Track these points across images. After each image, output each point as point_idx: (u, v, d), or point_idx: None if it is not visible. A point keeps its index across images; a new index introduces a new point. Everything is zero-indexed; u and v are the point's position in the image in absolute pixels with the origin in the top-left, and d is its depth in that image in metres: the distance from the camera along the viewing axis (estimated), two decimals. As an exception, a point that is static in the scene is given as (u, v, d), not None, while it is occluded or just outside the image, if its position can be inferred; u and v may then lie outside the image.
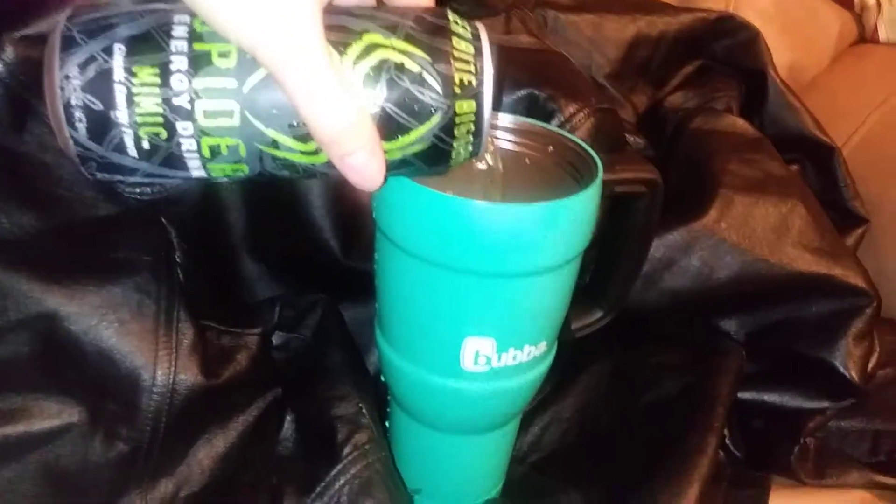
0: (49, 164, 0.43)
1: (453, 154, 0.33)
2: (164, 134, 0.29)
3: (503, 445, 0.50)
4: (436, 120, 0.31)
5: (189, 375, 0.42)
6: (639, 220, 0.46)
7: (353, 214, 0.53)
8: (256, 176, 0.31)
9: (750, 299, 0.57)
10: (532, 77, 0.53)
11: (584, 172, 0.42)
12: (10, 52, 0.41)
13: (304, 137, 0.30)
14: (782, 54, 0.79)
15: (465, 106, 0.31)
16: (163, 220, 0.46)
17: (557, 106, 0.52)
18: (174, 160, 0.30)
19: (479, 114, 0.32)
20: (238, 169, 0.31)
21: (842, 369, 0.54)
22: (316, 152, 0.30)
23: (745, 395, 0.57)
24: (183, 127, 0.29)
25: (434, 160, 0.33)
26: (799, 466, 0.54)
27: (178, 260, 0.45)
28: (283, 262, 0.55)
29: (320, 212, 0.52)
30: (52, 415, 0.40)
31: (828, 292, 0.55)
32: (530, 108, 0.53)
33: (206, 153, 0.30)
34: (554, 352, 0.45)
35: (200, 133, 0.29)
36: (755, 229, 0.55)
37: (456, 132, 0.31)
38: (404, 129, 0.30)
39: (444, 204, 0.35)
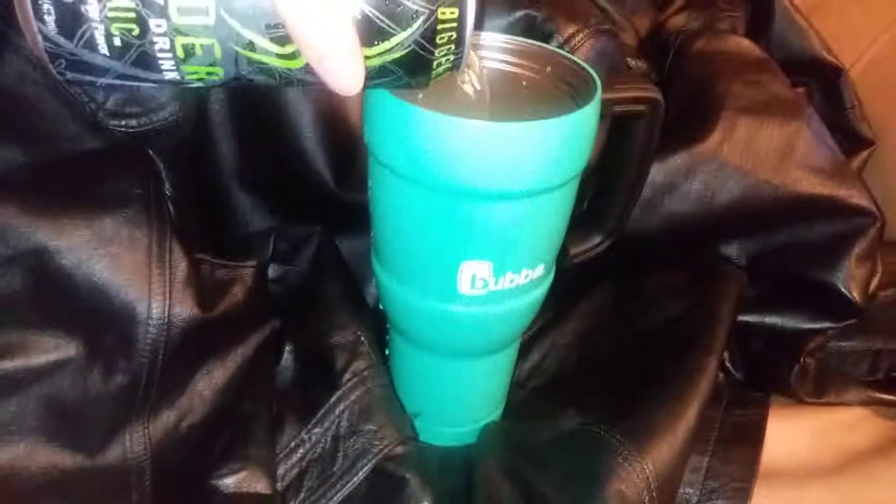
0: (30, 98, 0.42)
1: (434, 63, 0.32)
2: (136, 30, 0.28)
3: (502, 369, 0.50)
4: (417, 25, 0.30)
5: (184, 308, 0.42)
6: (639, 142, 0.45)
7: (345, 144, 0.52)
8: (232, 81, 0.31)
9: (752, 223, 0.56)
10: (529, -3, 0.51)
11: (582, 92, 0.40)
12: (-18, -18, 0.39)
13: (282, 39, 0.29)
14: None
15: (448, 13, 0.30)
16: (150, 152, 0.45)
17: (555, 27, 0.50)
18: (147, 60, 0.29)
19: (461, 20, 0.31)
20: (213, 72, 0.30)
21: (843, 290, 0.53)
22: (293, 56, 0.29)
23: (745, 317, 0.56)
24: (156, 24, 0.28)
25: (415, 69, 0.32)
26: (798, 386, 0.54)
27: (167, 193, 0.45)
28: (276, 193, 0.55)
29: (312, 142, 0.50)
30: (49, 349, 0.40)
31: (831, 213, 0.54)
32: (527, 29, 0.51)
33: (180, 53, 0.29)
34: (552, 276, 0.45)
35: (174, 31, 0.28)
36: (758, 152, 0.54)
37: (437, 39, 0.31)
38: (385, 35, 0.29)
39: (438, 123, 0.35)
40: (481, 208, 0.37)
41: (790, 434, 0.52)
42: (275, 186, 0.54)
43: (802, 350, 0.55)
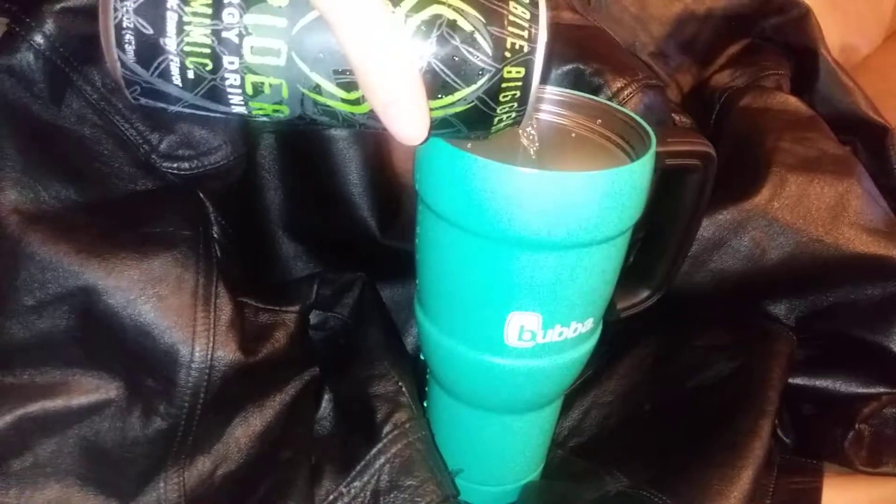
0: (87, 138, 0.43)
1: (496, 120, 0.32)
2: (209, 66, 0.29)
3: (545, 426, 0.48)
4: (482, 83, 0.30)
5: (227, 352, 0.41)
6: (690, 196, 0.44)
7: (391, 192, 0.52)
8: (296, 119, 0.31)
9: (802, 282, 0.55)
10: (578, 52, 0.52)
11: (634, 145, 0.40)
12: (50, 25, 0.40)
13: (348, 85, 0.29)
14: (833, 33, 0.76)
15: (514, 72, 0.30)
16: (200, 195, 0.45)
17: (604, 81, 0.51)
18: (217, 93, 0.30)
19: (526, 81, 0.31)
20: (278, 110, 0.31)
21: (899, 354, 0.51)
22: (358, 102, 0.30)
23: (795, 380, 0.54)
24: (229, 61, 0.29)
25: (476, 124, 0.32)
26: (853, 453, 0.52)
27: (215, 236, 0.45)
28: (320, 240, 0.55)
29: (358, 189, 0.51)
30: (91, 390, 0.40)
31: (885, 274, 0.53)
32: (576, 83, 0.51)
33: (249, 90, 0.30)
34: (600, 330, 0.44)
35: (245, 69, 0.29)
36: (810, 209, 0.53)
37: (501, 97, 0.31)
38: (449, 89, 0.30)
39: (492, 171, 0.34)
40: (532, 258, 0.36)
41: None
42: (320, 233, 0.54)
43: (856, 416, 0.53)
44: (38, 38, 0.40)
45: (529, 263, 0.36)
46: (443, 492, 0.42)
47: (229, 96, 0.30)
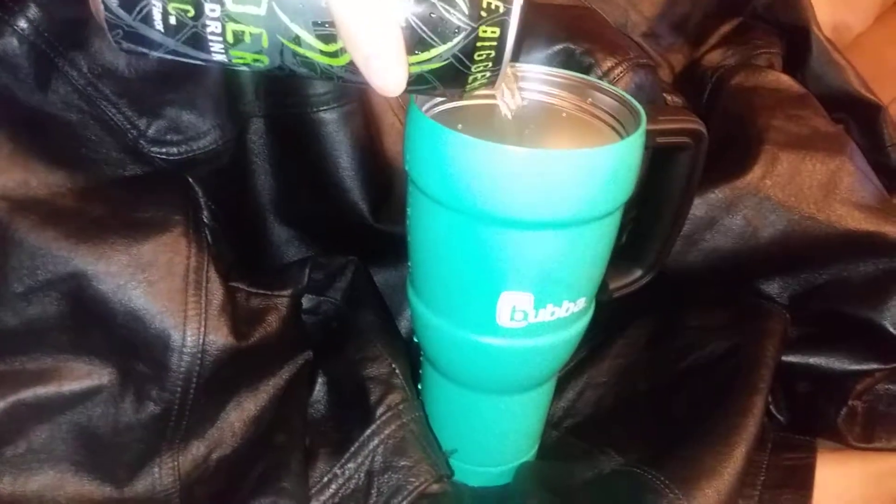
0: (74, 124, 0.42)
1: (470, 78, 0.32)
2: (191, 12, 0.29)
3: (540, 406, 0.48)
4: (457, 40, 0.30)
5: (219, 336, 0.41)
6: (682, 174, 0.44)
7: (382, 175, 0.52)
8: (276, 69, 0.32)
9: (795, 260, 0.55)
10: (568, 32, 0.51)
11: (625, 123, 0.40)
12: (34, 10, 0.40)
13: (328, 38, 0.30)
14: (825, 12, 0.76)
15: (489, 31, 0.31)
16: (190, 180, 0.45)
17: (594, 60, 0.50)
18: (198, 40, 0.30)
19: (501, 41, 0.31)
20: (258, 59, 0.31)
21: (892, 329, 0.51)
22: (336, 55, 0.30)
23: (788, 358, 0.54)
24: (211, 8, 0.29)
25: (451, 81, 0.32)
26: (846, 430, 0.52)
27: (206, 220, 0.45)
28: (312, 225, 0.54)
29: (349, 173, 0.50)
30: (82, 376, 0.40)
31: (877, 250, 0.53)
32: (566, 62, 0.51)
33: (230, 38, 0.30)
34: (592, 309, 0.44)
35: (227, 17, 0.29)
36: (802, 186, 0.53)
37: (476, 56, 0.31)
38: (425, 45, 0.30)
39: (481, 150, 0.34)
40: (523, 238, 0.36)
41: (840, 479, 0.49)
42: (311, 217, 0.54)
43: (849, 392, 0.53)
44: (23, 23, 0.40)
45: (520, 243, 0.36)
46: (437, 472, 0.42)
47: (210, 44, 0.30)
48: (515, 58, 0.41)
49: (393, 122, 0.53)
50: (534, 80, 0.43)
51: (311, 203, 0.53)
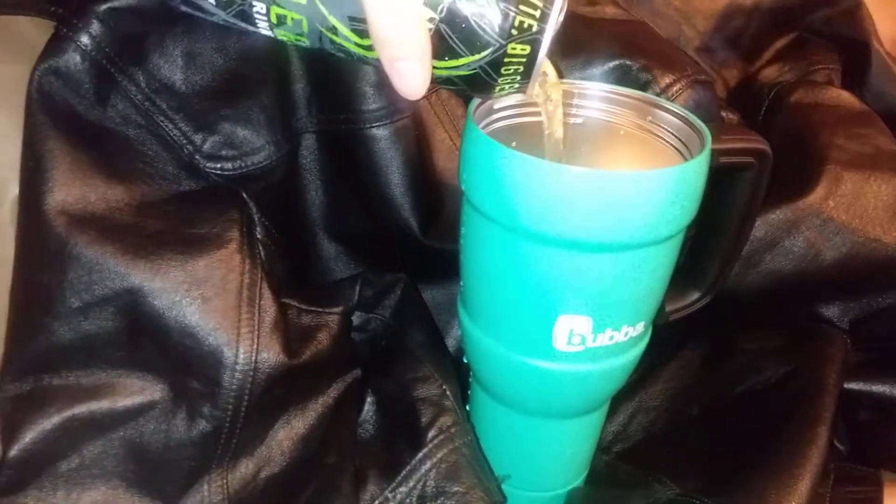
0: (132, 139, 0.43)
1: (497, 88, 0.33)
2: None
3: (593, 430, 0.47)
4: (486, 54, 0.31)
5: (271, 354, 0.41)
6: (744, 195, 0.43)
7: (432, 192, 0.51)
8: (317, 50, 0.33)
9: (857, 283, 0.53)
10: (623, 47, 0.51)
11: (686, 142, 0.39)
12: (96, 26, 0.40)
13: (362, 32, 0.31)
14: (885, 24, 0.73)
15: (519, 49, 0.31)
16: (244, 195, 0.45)
17: (652, 76, 0.49)
18: (246, 16, 0.33)
19: (531, 58, 0.31)
20: (300, 40, 0.33)
21: (959, 358, 0.49)
22: (371, 48, 0.31)
23: (849, 385, 0.52)
24: None
25: (478, 87, 0.33)
26: (914, 462, 0.50)
27: (259, 236, 0.44)
28: (361, 241, 0.54)
29: (399, 189, 0.50)
30: (136, 391, 0.40)
31: (946, 276, 0.51)
32: (622, 79, 0.50)
33: (273, 19, 0.32)
34: (650, 334, 0.42)
35: (271, 1, 0.31)
36: (867, 207, 0.51)
37: (503, 70, 0.32)
38: (454, 53, 0.31)
39: (541, 169, 0.33)
40: (583, 260, 0.35)
41: (909, 515, 0.47)
42: (360, 233, 0.54)
43: (916, 422, 0.51)
44: (85, 39, 0.40)
45: (580, 265, 0.35)
46: (490, 498, 0.41)
47: (256, 21, 0.33)
48: (569, 74, 0.41)
49: (444, 139, 0.52)
50: (591, 98, 0.42)
51: (361, 219, 0.53)
